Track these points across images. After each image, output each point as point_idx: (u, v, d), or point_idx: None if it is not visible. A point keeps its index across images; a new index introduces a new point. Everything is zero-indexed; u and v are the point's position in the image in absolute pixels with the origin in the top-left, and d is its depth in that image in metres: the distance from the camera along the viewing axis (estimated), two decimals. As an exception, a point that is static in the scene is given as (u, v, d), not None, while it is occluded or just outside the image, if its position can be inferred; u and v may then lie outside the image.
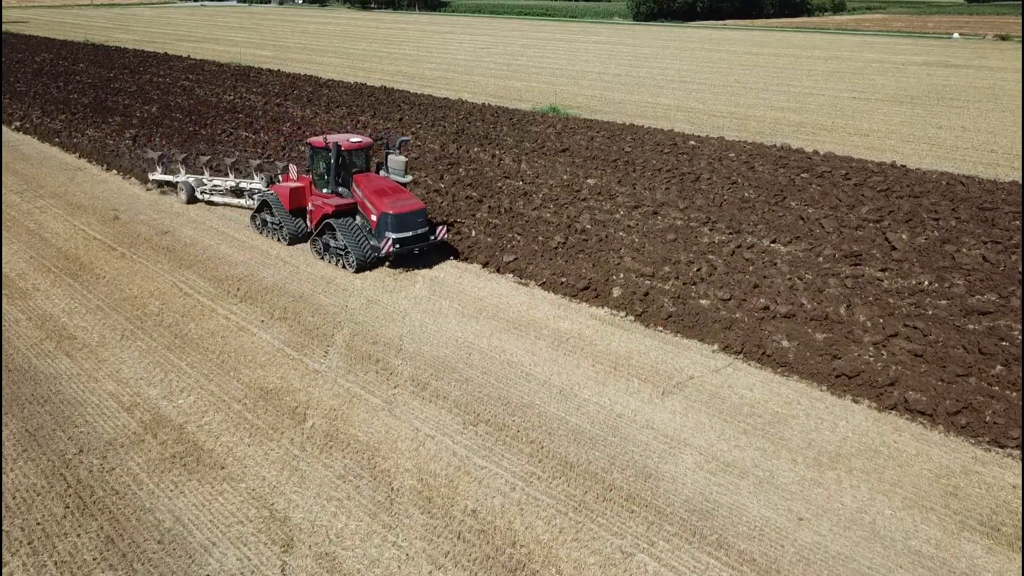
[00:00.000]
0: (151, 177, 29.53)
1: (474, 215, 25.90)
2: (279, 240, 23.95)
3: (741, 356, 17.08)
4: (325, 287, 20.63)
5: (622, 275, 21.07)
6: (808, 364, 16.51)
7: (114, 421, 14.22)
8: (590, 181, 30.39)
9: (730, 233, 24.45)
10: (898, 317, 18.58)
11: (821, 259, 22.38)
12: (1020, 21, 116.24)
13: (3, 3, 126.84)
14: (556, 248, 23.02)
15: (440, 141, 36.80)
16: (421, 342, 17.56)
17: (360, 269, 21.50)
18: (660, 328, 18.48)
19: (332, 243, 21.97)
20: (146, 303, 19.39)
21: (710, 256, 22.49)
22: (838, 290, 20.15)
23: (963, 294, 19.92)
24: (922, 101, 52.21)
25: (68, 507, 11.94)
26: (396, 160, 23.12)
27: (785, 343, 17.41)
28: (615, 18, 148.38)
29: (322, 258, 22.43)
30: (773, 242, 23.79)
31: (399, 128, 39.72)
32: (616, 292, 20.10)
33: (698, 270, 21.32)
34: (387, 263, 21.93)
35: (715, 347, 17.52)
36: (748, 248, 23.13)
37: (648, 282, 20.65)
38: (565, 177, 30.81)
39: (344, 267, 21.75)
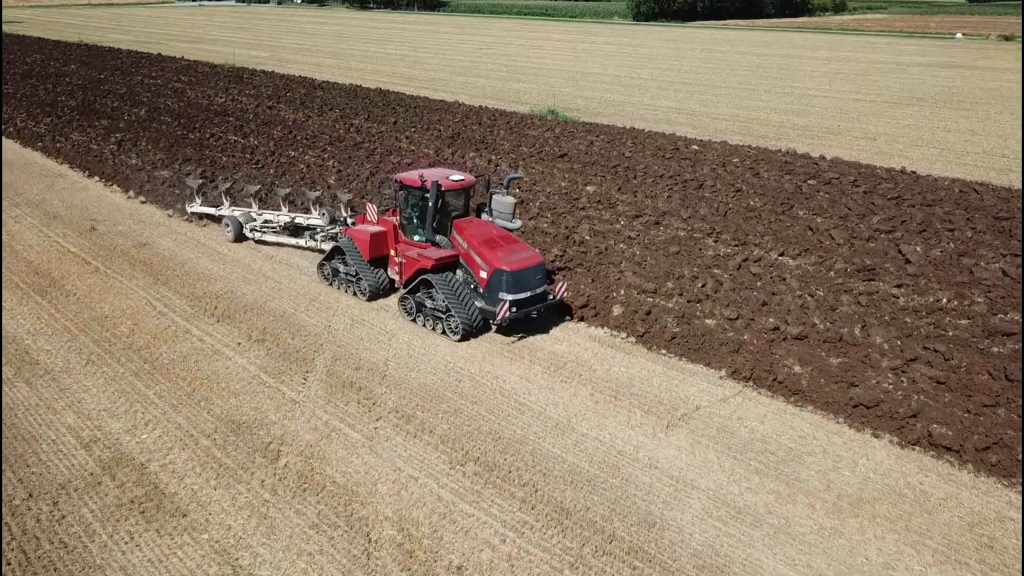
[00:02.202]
0: (189, 209, 25.64)
1: (468, 226, 24.70)
2: (355, 294, 19.92)
3: (751, 383, 15.91)
4: (308, 305, 19.46)
5: (623, 291, 19.90)
6: (823, 392, 15.35)
7: (70, 460, 13.05)
8: (589, 188, 29.23)
9: (736, 245, 23.28)
10: (916, 339, 17.41)
11: (832, 274, 21.21)
12: (1021, 22, 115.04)
13: (2, 3, 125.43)
14: (553, 261, 21.83)
15: (435, 145, 35.60)
16: (407, 367, 16.40)
17: (465, 337, 17.64)
18: (664, 351, 17.31)
19: (429, 304, 18.03)
20: (117, 323, 18.22)
21: (715, 270, 21.32)
22: (852, 308, 18.98)
23: (984, 312, 18.75)
24: (928, 103, 51.08)
25: (9, 564, 10.76)
26: (503, 202, 19.20)
27: (797, 368, 16.24)
28: (615, 18, 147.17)
29: (413, 320, 18.50)
30: (781, 255, 22.63)
31: (393, 132, 38.54)
32: (616, 310, 18.93)
33: (703, 286, 20.14)
34: (493, 328, 18.12)
35: (722, 373, 16.35)
36: (755, 262, 21.96)
37: (650, 299, 19.47)
38: (563, 184, 29.64)
39: (444, 333, 17.78)
